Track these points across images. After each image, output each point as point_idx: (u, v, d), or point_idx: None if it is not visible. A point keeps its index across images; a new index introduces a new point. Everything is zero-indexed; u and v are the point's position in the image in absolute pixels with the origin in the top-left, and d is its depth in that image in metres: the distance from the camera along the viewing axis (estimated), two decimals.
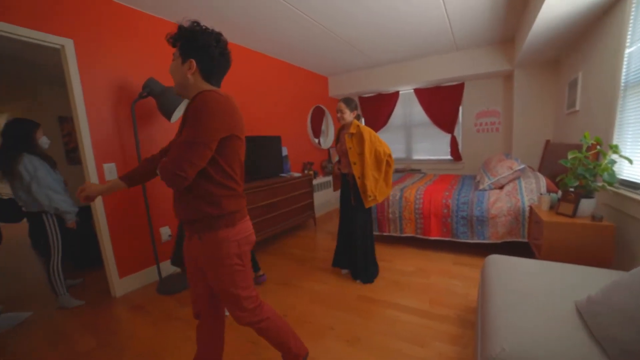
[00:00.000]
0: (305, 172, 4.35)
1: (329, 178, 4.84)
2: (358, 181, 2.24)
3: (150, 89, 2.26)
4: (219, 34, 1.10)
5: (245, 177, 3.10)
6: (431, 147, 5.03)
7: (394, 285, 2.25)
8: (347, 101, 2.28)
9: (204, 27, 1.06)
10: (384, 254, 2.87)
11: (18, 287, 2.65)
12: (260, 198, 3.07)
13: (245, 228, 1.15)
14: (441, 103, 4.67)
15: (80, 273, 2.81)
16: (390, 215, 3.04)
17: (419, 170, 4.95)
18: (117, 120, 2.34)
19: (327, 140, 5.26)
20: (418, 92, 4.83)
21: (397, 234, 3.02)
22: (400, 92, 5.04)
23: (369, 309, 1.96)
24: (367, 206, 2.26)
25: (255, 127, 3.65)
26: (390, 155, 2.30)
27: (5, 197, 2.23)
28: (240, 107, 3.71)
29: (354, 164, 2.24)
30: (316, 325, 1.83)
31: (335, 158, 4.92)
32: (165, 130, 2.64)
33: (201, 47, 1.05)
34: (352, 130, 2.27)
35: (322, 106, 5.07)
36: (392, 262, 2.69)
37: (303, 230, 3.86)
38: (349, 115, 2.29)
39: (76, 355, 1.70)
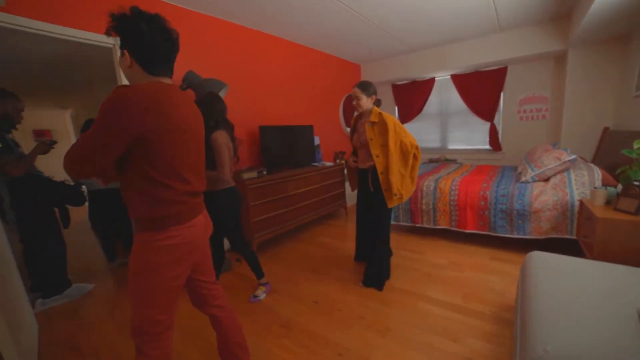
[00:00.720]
0: (337, 161, 4.35)
1: None
2: (380, 177, 1.98)
3: (190, 81, 2.37)
4: (153, 16, 0.96)
5: (277, 165, 3.24)
6: (468, 136, 4.77)
7: (426, 278, 2.22)
8: (363, 85, 2.01)
9: (134, 12, 0.94)
10: (416, 246, 2.82)
11: (80, 265, 3.00)
12: (292, 187, 3.14)
13: (178, 236, 0.98)
14: (480, 89, 4.38)
15: (128, 253, 3.09)
16: (424, 207, 2.96)
17: (454, 161, 4.73)
18: None
19: None
20: (455, 78, 4.56)
21: (431, 226, 2.95)
22: (436, 79, 4.79)
23: (401, 301, 1.96)
24: (390, 206, 2.01)
25: (287, 116, 3.70)
26: (417, 148, 2.04)
27: (71, 184, 2.50)
28: (272, 97, 3.73)
29: (377, 156, 1.98)
30: (347, 313, 1.87)
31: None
32: None
33: (131, 35, 0.93)
34: (374, 118, 2.00)
35: None
36: (425, 254, 2.64)
37: (334, 219, 3.90)
38: (366, 102, 2.03)
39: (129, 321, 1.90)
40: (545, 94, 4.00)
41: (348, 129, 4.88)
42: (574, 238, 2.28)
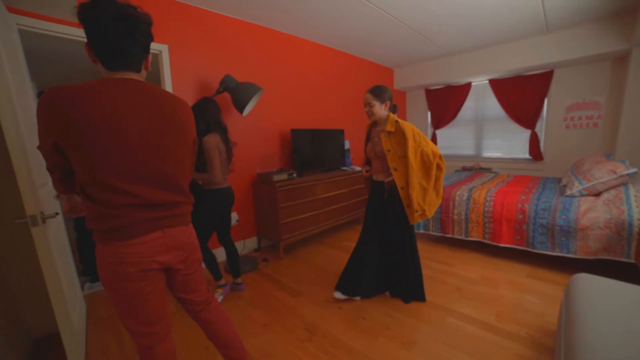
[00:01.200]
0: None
1: None
2: (401, 192, 1.81)
3: (226, 84, 2.47)
4: (109, 2, 0.83)
5: (307, 168, 3.27)
6: (505, 144, 4.51)
7: (456, 292, 2.12)
8: (376, 91, 1.82)
9: (94, 1, 0.83)
10: (445, 257, 2.71)
11: None
12: (321, 190, 3.16)
13: (120, 253, 0.88)
14: (521, 95, 4.13)
15: None
16: (456, 217, 2.84)
17: (489, 170, 4.50)
18: None
19: None
20: (494, 83, 4.34)
21: (462, 237, 2.82)
22: (472, 84, 4.59)
23: (428, 314, 1.89)
24: (412, 222, 1.84)
25: (318, 120, 3.73)
26: (441, 157, 1.83)
27: None
28: (305, 101, 3.77)
29: (395, 170, 1.80)
30: (371, 322, 1.83)
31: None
32: (238, 123, 2.88)
33: (87, 26, 0.83)
34: (390, 127, 1.81)
35: None
36: (455, 266, 2.53)
37: (361, 225, 3.86)
38: (379, 109, 1.83)
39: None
40: (599, 100, 3.67)
41: None
42: (631, 262, 2.06)
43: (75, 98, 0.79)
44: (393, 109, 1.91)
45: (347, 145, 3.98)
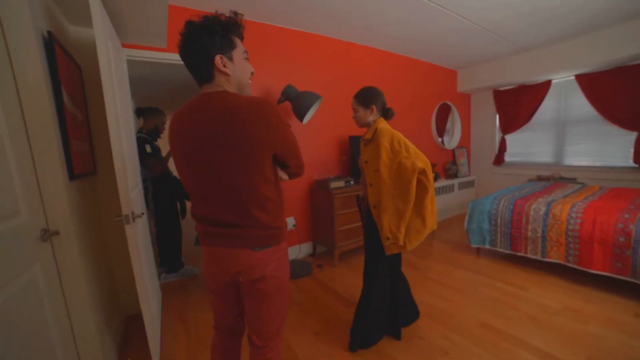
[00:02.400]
0: None
1: (452, 181, 4.41)
2: (373, 212, 1.52)
3: (288, 94, 2.57)
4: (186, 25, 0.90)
5: (359, 177, 3.22)
6: (596, 149, 3.84)
7: (530, 321, 1.86)
8: (359, 94, 1.60)
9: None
10: (516, 278, 2.41)
11: (184, 251, 3.58)
12: None
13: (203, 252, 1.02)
14: (621, 90, 3.46)
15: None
16: (530, 233, 2.51)
17: (573, 180, 3.88)
18: None
19: (452, 140, 4.79)
20: (582, 78, 3.74)
21: (537, 257, 2.47)
22: (553, 81, 4.03)
23: (494, 342, 1.69)
24: (387, 253, 1.50)
25: None
26: (424, 172, 1.42)
27: None
28: None
29: (370, 185, 1.52)
30: (429, 344, 1.71)
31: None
32: (298, 130, 2.97)
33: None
34: (368, 135, 1.54)
35: (449, 103, 4.62)
36: (529, 290, 2.22)
37: None
38: (364, 114, 1.58)
39: None
40: None
41: (440, 139, 4.54)
42: None
43: (173, 117, 0.96)
44: (385, 113, 1.62)
45: None
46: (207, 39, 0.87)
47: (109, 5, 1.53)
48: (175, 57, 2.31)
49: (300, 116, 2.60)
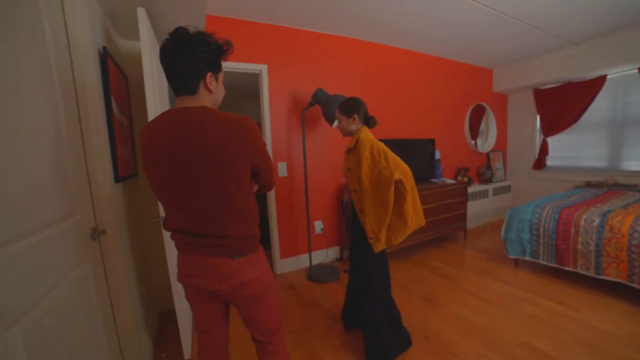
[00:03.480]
0: (459, 178, 3.92)
1: (487, 186, 4.18)
2: (359, 216, 1.61)
3: (318, 97, 2.58)
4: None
5: None
6: None
7: (586, 348, 1.65)
8: (342, 105, 1.68)
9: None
10: (563, 296, 2.20)
11: None
12: None
13: (178, 259, 1.02)
14: None
15: None
16: (580, 247, 2.29)
17: (633, 187, 3.48)
18: (289, 125, 2.82)
19: (487, 143, 4.54)
20: None
21: (590, 274, 2.24)
22: (607, 77, 3.66)
23: None
24: (375, 250, 1.56)
25: (407, 129, 3.58)
26: (401, 181, 1.48)
27: None
28: (392, 110, 3.68)
29: (354, 191, 1.61)
30: None
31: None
32: (326, 134, 2.98)
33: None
34: (351, 144, 1.64)
35: (484, 104, 4.38)
36: (580, 311, 2.01)
37: (450, 243, 3.51)
38: (347, 123, 1.66)
39: None
40: None
41: (473, 142, 4.32)
42: None
43: (143, 130, 0.94)
44: (367, 122, 1.70)
45: (437, 155, 3.68)
46: (205, 54, 0.90)
47: (154, 20, 1.63)
48: None
49: (330, 120, 2.58)
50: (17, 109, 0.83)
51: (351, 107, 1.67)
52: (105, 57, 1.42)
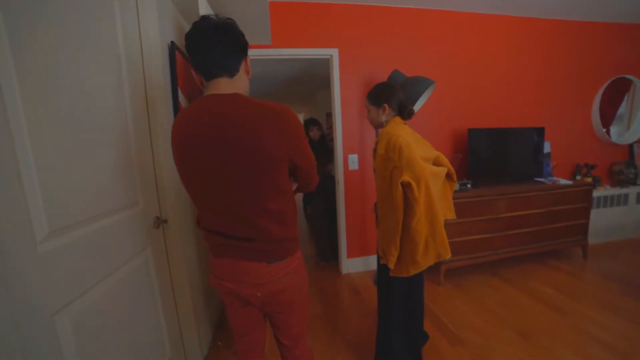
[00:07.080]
0: (577, 177, 3.00)
1: (626, 190, 3.09)
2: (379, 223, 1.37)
3: (394, 80, 2.26)
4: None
5: (487, 178, 2.64)
6: None
7: None
8: (371, 93, 1.41)
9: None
10: None
11: None
12: (502, 208, 2.42)
13: (212, 264, 0.95)
14: None
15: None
16: None
17: None
18: (361, 114, 2.57)
19: (630, 131, 3.28)
20: None
21: None
22: None
23: None
24: (391, 274, 1.29)
25: (508, 116, 2.90)
26: (410, 186, 1.16)
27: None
28: (489, 93, 3.07)
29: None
30: None
31: None
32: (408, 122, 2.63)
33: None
34: (379, 139, 1.34)
35: (630, 76, 3.13)
36: None
37: (561, 260, 2.74)
38: (376, 114, 1.40)
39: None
40: None
41: (604, 130, 3.23)
42: None
43: (176, 121, 0.86)
44: (401, 112, 1.38)
45: (547, 148, 2.89)
46: (242, 37, 0.85)
47: (215, 8, 1.61)
48: (281, 53, 2.38)
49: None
50: (89, 108, 0.92)
51: (381, 94, 1.41)
52: (174, 51, 1.45)
